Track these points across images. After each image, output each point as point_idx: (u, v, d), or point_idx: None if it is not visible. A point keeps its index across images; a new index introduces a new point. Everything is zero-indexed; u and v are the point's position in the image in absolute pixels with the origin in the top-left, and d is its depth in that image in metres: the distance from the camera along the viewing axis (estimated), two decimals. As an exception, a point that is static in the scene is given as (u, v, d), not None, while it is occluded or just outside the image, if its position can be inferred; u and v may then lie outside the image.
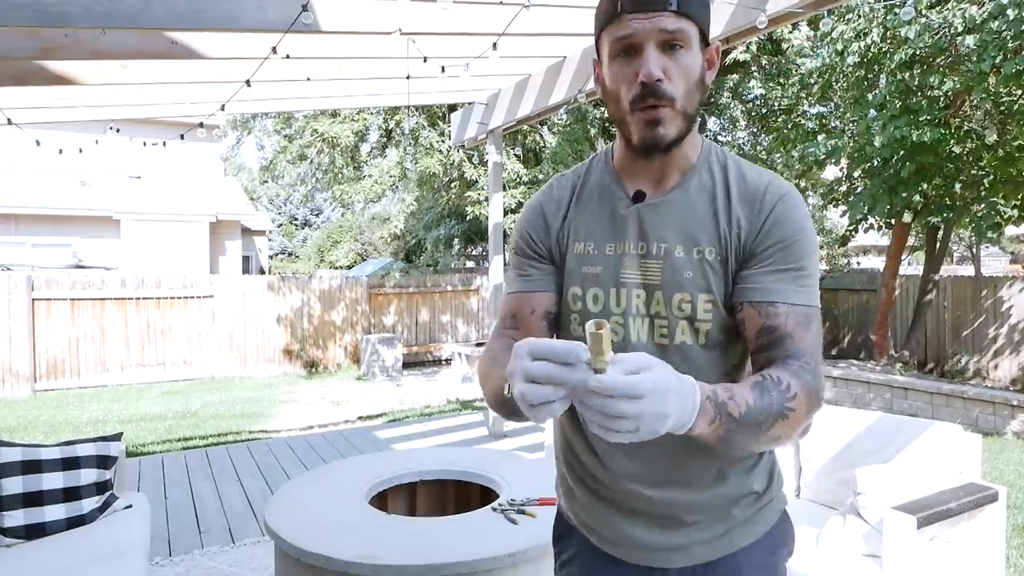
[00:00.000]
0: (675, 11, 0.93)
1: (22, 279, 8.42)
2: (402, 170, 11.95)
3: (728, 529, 1.07)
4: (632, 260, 1.03)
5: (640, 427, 0.74)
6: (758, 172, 1.05)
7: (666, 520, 1.06)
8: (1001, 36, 5.56)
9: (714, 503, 1.06)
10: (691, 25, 0.95)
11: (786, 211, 0.99)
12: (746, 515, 1.08)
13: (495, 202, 5.79)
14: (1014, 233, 16.96)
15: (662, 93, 0.94)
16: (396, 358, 9.80)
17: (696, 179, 1.04)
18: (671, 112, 0.96)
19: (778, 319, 0.95)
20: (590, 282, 1.06)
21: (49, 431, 6.31)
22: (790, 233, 0.98)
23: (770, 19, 2.99)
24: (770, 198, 1.00)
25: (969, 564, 2.38)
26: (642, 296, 1.02)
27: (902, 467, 2.47)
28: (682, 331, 1.00)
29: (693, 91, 0.97)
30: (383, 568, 1.68)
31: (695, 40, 0.96)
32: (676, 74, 0.95)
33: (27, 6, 2.68)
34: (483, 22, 3.44)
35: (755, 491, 1.08)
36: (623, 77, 0.97)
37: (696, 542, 1.06)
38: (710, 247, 1.00)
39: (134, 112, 4.93)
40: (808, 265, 0.99)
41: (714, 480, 1.06)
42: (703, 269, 1.00)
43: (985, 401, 6.27)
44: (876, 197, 7.32)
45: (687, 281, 1.00)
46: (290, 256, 31.83)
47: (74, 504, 2.58)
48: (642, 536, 1.07)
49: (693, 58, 0.96)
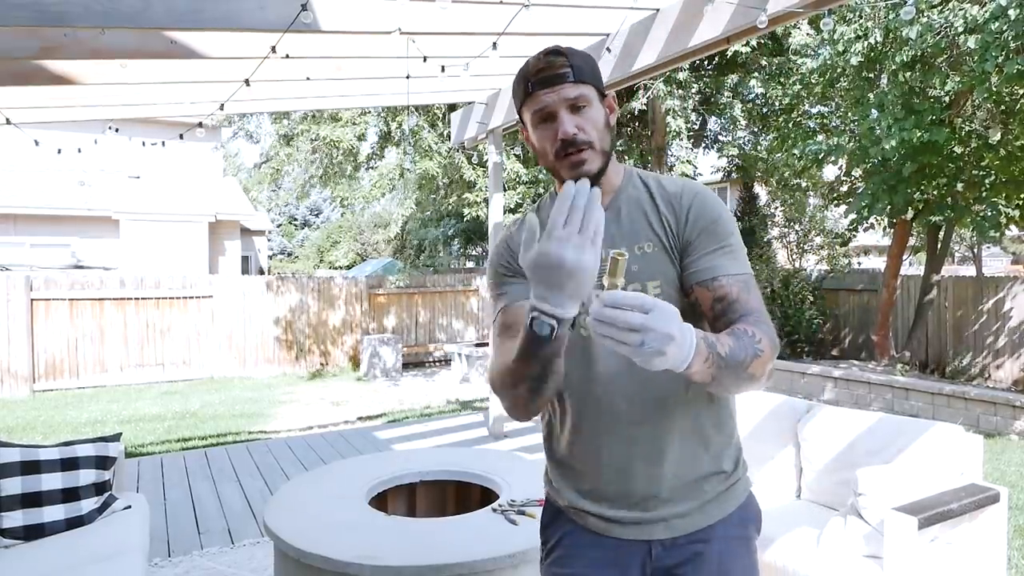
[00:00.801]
0: (572, 81, 1.17)
1: (21, 279, 8.42)
2: (401, 171, 11.94)
3: (702, 504, 1.22)
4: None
5: (646, 340, 0.87)
6: (673, 181, 1.28)
7: (646, 496, 1.21)
8: (1003, 37, 5.56)
9: (689, 480, 1.22)
10: (588, 88, 1.19)
11: (702, 204, 1.22)
12: (716, 491, 1.23)
13: (495, 202, 5.78)
14: (1015, 233, 16.96)
15: (580, 142, 1.17)
16: (396, 358, 9.80)
17: (624, 195, 1.27)
18: (592, 152, 1.19)
19: (724, 289, 1.15)
20: None
21: (48, 432, 6.31)
22: (710, 219, 1.20)
23: (770, 19, 2.98)
24: (687, 198, 1.23)
25: (970, 565, 2.38)
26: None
27: (903, 468, 2.46)
28: None
29: (603, 134, 1.21)
30: (383, 569, 1.68)
31: (594, 97, 1.20)
32: (587, 125, 1.18)
33: (27, 6, 2.67)
34: (483, 22, 3.43)
35: (724, 470, 1.25)
36: (546, 138, 1.20)
37: (674, 515, 1.21)
38: (647, 242, 1.22)
39: (133, 112, 4.93)
40: (733, 241, 1.20)
41: (691, 460, 1.22)
42: (645, 261, 1.20)
43: (987, 402, 6.27)
44: (877, 196, 7.32)
45: (634, 273, 1.20)
46: (289, 256, 31.83)
47: (73, 505, 2.58)
48: (625, 513, 1.22)
49: (596, 111, 1.20)
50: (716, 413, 1.25)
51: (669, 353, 0.89)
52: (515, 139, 13.08)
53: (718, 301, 1.15)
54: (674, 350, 0.89)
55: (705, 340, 0.98)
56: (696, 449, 1.22)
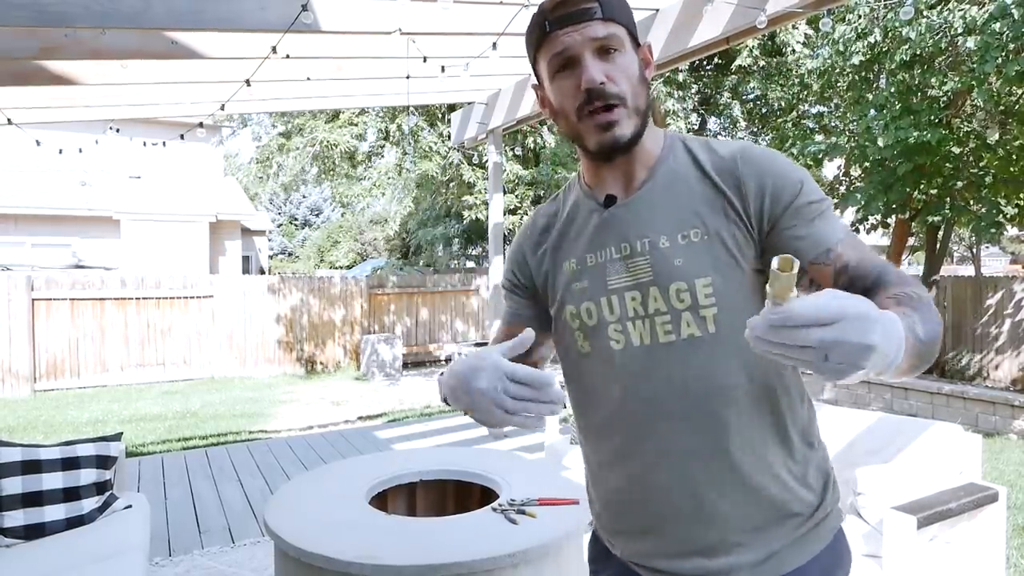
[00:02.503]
0: (601, 18, 0.95)
1: (22, 279, 8.42)
2: (400, 170, 11.95)
3: (774, 552, 0.97)
4: (616, 265, 1.02)
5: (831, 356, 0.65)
6: (725, 144, 1.03)
7: (705, 544, 0.98)
8: (1003, 37, 5.56)
9: (757, 519, 0.97)
10: (620, 28, 0.97)
11: (777, 172, 0.96)
12: (795, 535, 0.98)
13: (495, 202, 5.78)
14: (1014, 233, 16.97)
15: (608, 95, 0.95)
16: (396, 358, 9.80)
17: (664, 169, 1.02)
18: (624, 111, 0.97)
19: (844, 257, 0.92)
20: (581, 298, 1.05)
21: (49, 431, 6.31)
22: (794, 188, 0.95)
23: (770, 19, 2.99)
24: (752, 166, 0.97)
25: (969, 564, 2.38)
26: (637, 298, 0.99)
27: (902, 467, 2.47)
28: (687, 323, 0.96)
29: (639, 89, 0.98)
30: (383, 568, 1.68)
31: (627, 41, 0.98)
32: (618, 75, 0.96)
33: (27, 6, 2.67)
34: (483, 22, 3.44)
35: (806, 507, 0.99)
36: (567, 91, 0.98)
37: (739, 566, 0.97)
38: (695, 229, 0.97)
39: (134, 112, 4.93)
40: (824, 202, 0.96)
41: (760, 492, 0.97)
42: (693, 252, 0.96)
43: (986, 401, 6.27)
44: (872, 195, 7.32)
45: (678, 269, 0.96)
46: (290, 256, 31.83)
47: (74, 504, 2.58)
48: (681, 562, 1.00)
49: (629, 58, 0.98)
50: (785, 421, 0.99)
51: (870, 365, 0.66)
52: (515, 139, 13.09)
53: (840, 273, 0.92)
54: (877, 359, 0.66)
55: (909, 329, 0.75)
56: (766, 478, 0.97)
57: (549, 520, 1.94)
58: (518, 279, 1.17)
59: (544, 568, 1.82)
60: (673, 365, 0.97)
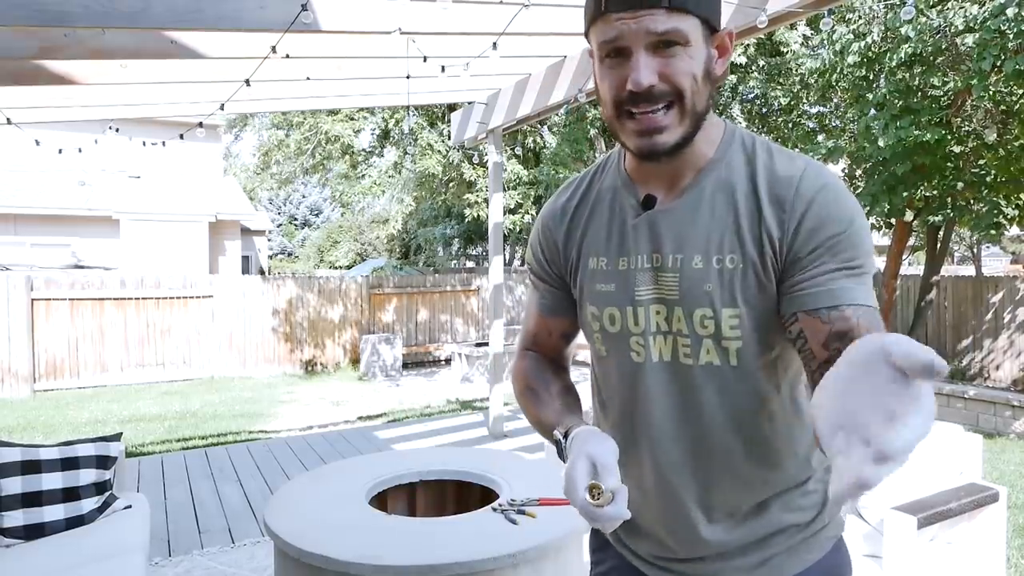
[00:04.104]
0: (667, 8, 0.81)
1: (21, 279, 8.42)
2: (399, 168, 11.95)
3: (768, 558, 0.97)
4: (646, 275, 0.94)
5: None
6: (790, 159, 0.89)
7: (700, 554, 1.00)
8: (1004, 35, 5.56)
9: (753, 532, 0.97)
10: (689, 19, 0.82)
11: (826, 205, 0.84)
12: (791, 543, 0.97)
13: (495, 202, 5.78)
14: (1015, 233, 16.96)
15: (656, 97, 0.84)
16: (396, 358, 9.80)
17: (713, 176, 0.91)
18: (675, 116, 0.86)
19: (849, 321, 0.80)
20: (604, 301, 0.99)
21: (48, 431, 6.31)
22: (836, 229, 0.83)
23: (770, 19, 2.99)
24: (806, 192, 0.85)
25: (969, 564, 2.38)
26: (662, 312, 0.93)
27: (902, 467, 2.46)
28: (707, 351, 0.91)
29: (701, 88, 0.86)
30: (383, 568, 1.68)
31: (695, 34, 0.84)
32: (675, 74, 0.83)
33: (27, 6, 2.67)
34: (483, 22, 3.44)
35: (804, 519, 0.98)
36: (613, 81, 0.87)
37: (731, 569, 0.98)
38: (732, 254, 0.88)
39: (133, 112, 4.93)
40: (865, 261, 0.84)
41: (754, 509, 0.97)
42: (726, 280, 0.88)
43: (986, 401, 6.27)
44: (876, 196, 7.32)
45: (706, 295, 0.89)
46: (290, 256, 31.83)
47: (73, 504, 2.58)
48: (676, 565, 1.02)
49: (693, 55, 0.84)
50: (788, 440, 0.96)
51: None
52: (515, 139, 13.09)
53: (838, 338, 0.79)
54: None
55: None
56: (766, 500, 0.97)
57: (549, 520, 1.94)
58: (550, 268, 1.09)
59: (544, 568, 1.82)
60: (688, 387, 0.94)
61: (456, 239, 16.13)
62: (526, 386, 1.10)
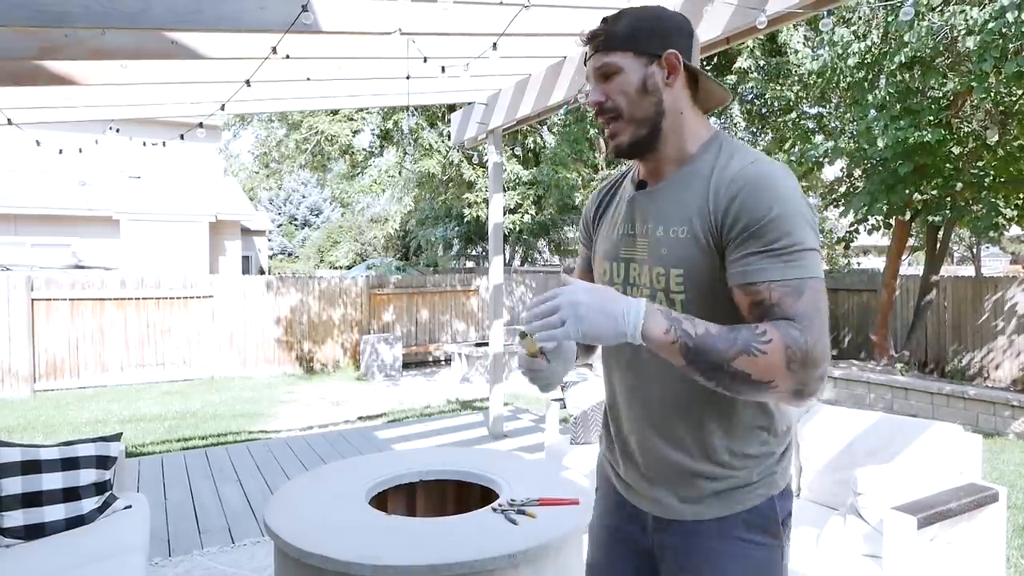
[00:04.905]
0: (602, 50, 1.18)
1: (21, 279, 8.42)
2: (399, 168, 11.94)
3: (699, 496, 1.19)
4: (628, 239, 1.25)
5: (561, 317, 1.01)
6: (744, 159, 1.13)
7: (647, 472, 1.26)
8: (1005, 37, 5.56)
9: (681, 470, 1.20)
10: (618, 55, 1.16)
11: (750, 197, 1.06)
12: (718, 488, 1.18)
13: (495, 203, 5.78)
14: (1015, 233, 16.97)
15: (605, 110, 1.19)
16: (395, 358, 9.80)
17: (688, 169, 1.18)
18: (620, 124, 1.19)
19: (762, 295, 1.04)
20: (603, 256, 1.32)
21: (48, 431, 6.31)
22: (757, 216, 1.04)
23: (770, 19, 2.99)
24: (735, 185, 1.08)
25: (969, 564, 2.38)
26: (636, 269, 1.23)
27: (902, 467, 2.47)
28: (659, 301, 1.17)
29: (636, 101, 1.17)
30: (383, 568, 1.68)
31: (627, 63, 1.16)
32: (614, 93, 1.17)
33: (27, 6, 2.67)
34: (483, 22, 3.44)
35: (726, 470, 1.18)
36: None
37: (664, 497, 1.23)
38: (683, 226, 1.14)
39: (134, 112, 4.93)
40: (785, 242, 1.03)
41: (699, 451, 1.19)
42: (678, 247, 1.14)
43: (986, 401, 6.27)
44: (875, 196, 7.33)
45: (661, 257, 1.17)
46: (290, 256, 31.82)
47: (73, 504, 2.58)
48: (633, 481, 1.29)
49: (628, 77, 1.16)
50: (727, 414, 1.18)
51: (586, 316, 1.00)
52: (515, 139, 13.09)
53: (755, 306, 1.04)
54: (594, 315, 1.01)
55: (666, 313, 1.03)
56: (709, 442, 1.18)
57: (549, 520, 1.94)
58: (586, 234, 1.43)
59: (544, 568, 1.82)
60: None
61: (456, 239, 16.11)
62: None
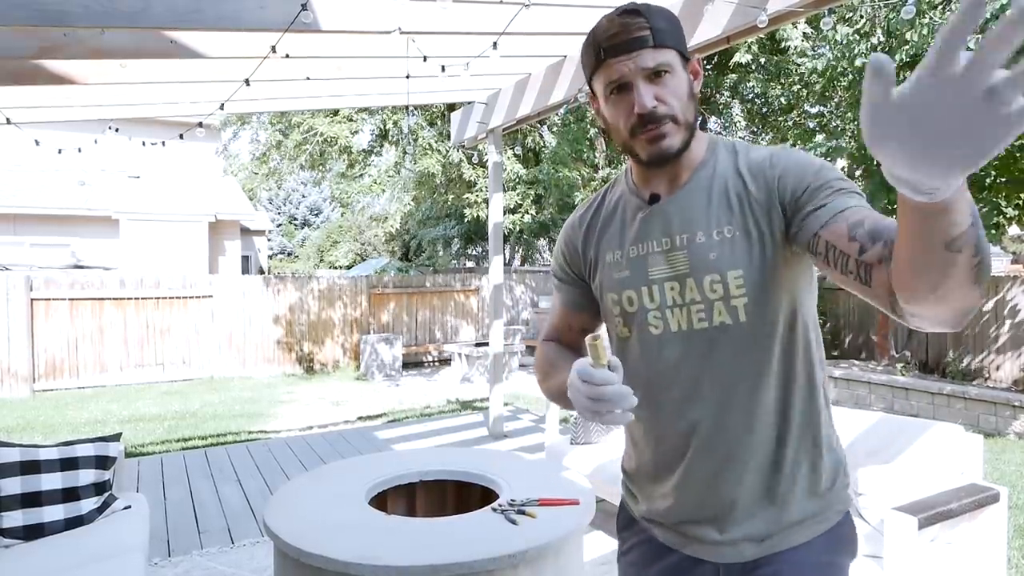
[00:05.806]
0: (652, 46, 1.03)
1: (21, 279, 8.41)
2: (399, 168, 11.93)
3: (779, 529, 1.08)
4: (658, 257, 1.11)
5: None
6: (760, 150, 1.12)
7: (715, 515, 1.10)
8: None
9: (765, 499, 1.08)
10: (670, 52, 1.04)
11: (795, 162, 1.04)
12: (800, 515, 1.08)
13: (495, 202, 5.78)
14: (1015, 233, 16.98)
15: (659, 116, 1.04)
16: (395, 358, 9.80)
17: (706, 171, 1.11)
18: (673, 127, 1.05)
19: (859, 213, 0.92)
20: (622, 285, 1.15)
21: (48, 432, 6.31)
22: (811, 172, 1.02)
23: (770, 19, 2.99)
24: (772, 164, 1.06)
25: (970, 565, 2.38)
26: (676, 288, 1.09)
27: (903, 468, 2.46)
28: (718, 312, 1.06)
29: (687, 105, 1.07)
30: (383, 569, 1.68)
31: (677, 63, 1.05)
32: (669, 96, 1.04)
33: (27, 6, 2.67)
34: (483, 22, 3.43)
35: (812, 492, 1.09)
36: (620, 112, 1.07)
37: (744, 538, 1.08)
38: (728, 225, 1.06)
39: (133, 112, 4.92)
40: (846, 184, 1.00)
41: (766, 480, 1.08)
42: (727, 247, 1.05)
43: (987, 402, 6.27)
44: (876, 196, 7.32)
45: (713, 262, 1.06)
46: (289, 256, 31.80)
47: (73, 505, 2.58)
48: (694, 529, 1.12)
49: (679, 79, 1.05)
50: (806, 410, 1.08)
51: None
52: (515, 139, 13.09)
53: (856, 226, 0.90)
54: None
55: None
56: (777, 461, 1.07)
57: (549, 520, 1.94)
58: (570, 270, 1.28)
59: (544, 568, 1.82)
60: (704, 350, 1.07)
61: (456, 239, 16.10)
62: (547, 363, 1.24)
